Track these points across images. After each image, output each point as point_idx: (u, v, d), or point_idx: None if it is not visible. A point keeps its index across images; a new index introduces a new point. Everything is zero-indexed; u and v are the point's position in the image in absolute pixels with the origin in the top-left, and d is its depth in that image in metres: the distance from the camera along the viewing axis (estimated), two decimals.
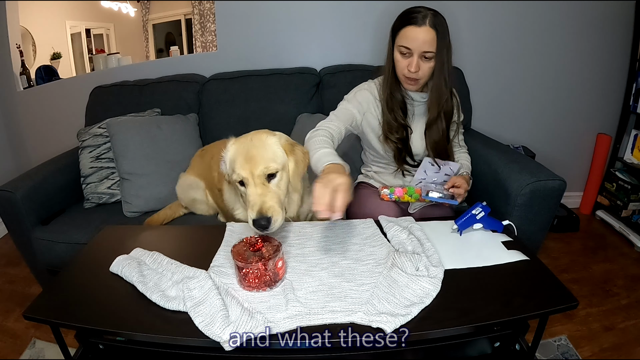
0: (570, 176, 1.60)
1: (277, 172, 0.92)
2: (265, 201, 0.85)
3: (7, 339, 1.45)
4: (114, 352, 0.82)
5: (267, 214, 0.83)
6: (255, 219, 0.83)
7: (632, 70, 1.97)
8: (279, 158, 0.94)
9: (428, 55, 1.11)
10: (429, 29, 1.08)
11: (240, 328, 0.64)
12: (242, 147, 0.94)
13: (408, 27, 1.10)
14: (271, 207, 0.85)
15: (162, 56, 2.51)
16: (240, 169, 0.90)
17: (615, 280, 1.67)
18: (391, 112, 1.22)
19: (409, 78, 1.17)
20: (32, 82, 2.23)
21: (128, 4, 2.40)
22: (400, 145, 1.25)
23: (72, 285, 0.82)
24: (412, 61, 1.12)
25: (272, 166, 0.91)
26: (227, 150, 0.98)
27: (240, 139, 0.98)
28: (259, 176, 0.89)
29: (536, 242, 1.29)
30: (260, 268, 0.73)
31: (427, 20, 1.08)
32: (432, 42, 1.09)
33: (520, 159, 1.36)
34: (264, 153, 0.92)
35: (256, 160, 0.90)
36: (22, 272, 1.83)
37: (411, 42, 1.10)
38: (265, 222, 0.82)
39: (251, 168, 0.89)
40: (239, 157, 0.92)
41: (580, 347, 1.32)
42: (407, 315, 0.67)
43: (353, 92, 1.28)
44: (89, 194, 1.59)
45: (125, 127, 1.57)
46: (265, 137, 0.97)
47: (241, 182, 0.92)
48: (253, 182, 0.89)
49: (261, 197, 0.86)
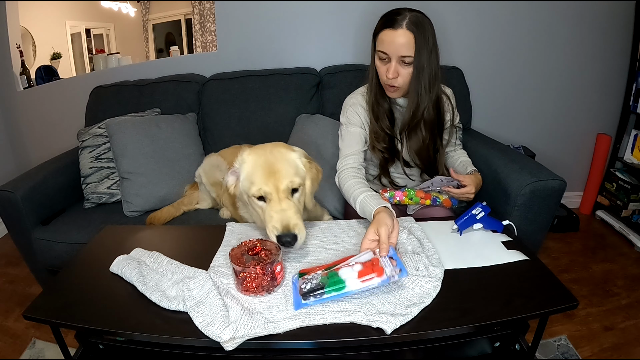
0: (570, 176, 1.60)
1: (299, 188, 0.89)
2: (291, 217, 0.82)
3: (7, 339, 1.45)
4: (114, 352, 0.82)
5: (293, 230, 0.81)
6: (280, 235, 0.80)
7: (632, 70, 1.97)
8: (301, 173, 0.90)
9: (407, 60, 1.05)
10: (406, 31, 1.02)
11: (240, 328, 0.64)
12: (262, 159, 0.87)
13: (385, 30, 1.04)
14: (297, 224, 0.82)
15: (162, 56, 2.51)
16: (262, 184, 0.84)
17: (615, 280, 1.67)
18: (377, 121, 1.18)
19: (388, 85, 1.11)
20: (32, 82, 2.23)
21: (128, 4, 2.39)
22: (387, 155, 1.21)
23: (72, 285, 0.82)
24: (389, 67, 1.06)
25: (296, 181, 0.87)
26: (242, 162, 0.90)
27: (257, 151, 0.91)
28: (283, 191, 0.84)
29: (536, 242, 1.29)
30: (258, 272, 0.72)
31: (405, 22, 1.02)
32: (410, 46, 1.03)
33: (520, 159, 1.36)
34: (288, 167, 0.87)
35: (281, 174, 0.85)
36: (22, 272, 1.83)
37: (387, 47, 1.04)
38: (291, 239, 0.80)
39: (276, 182, 0.84)
40: (259, 170, 0.86)
41: (580, 347, 1.32)
42: (407, 315, 0.67)
43: (344, 113, 1.23)
44: (89, 194, 1.59)
45: (124, 126, 1.57)
46: (285, 150, 0.91)
47: (260, 197, 0.86)
48: (277, 197, 0.84)
49: (285, 212, 0.82)
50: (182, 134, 1.67)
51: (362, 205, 1.00)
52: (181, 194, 1.57)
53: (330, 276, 0.73)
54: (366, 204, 0.97)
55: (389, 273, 0.71)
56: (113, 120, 1.61)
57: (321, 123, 1.62)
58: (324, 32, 1.94)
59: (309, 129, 1.63)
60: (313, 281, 0.73)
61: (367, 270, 0.72)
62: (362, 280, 0.70)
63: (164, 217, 1.43)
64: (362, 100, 1.22)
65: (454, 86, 1.72)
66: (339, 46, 1.95)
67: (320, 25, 1.93)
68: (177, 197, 1.55)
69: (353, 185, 1.07)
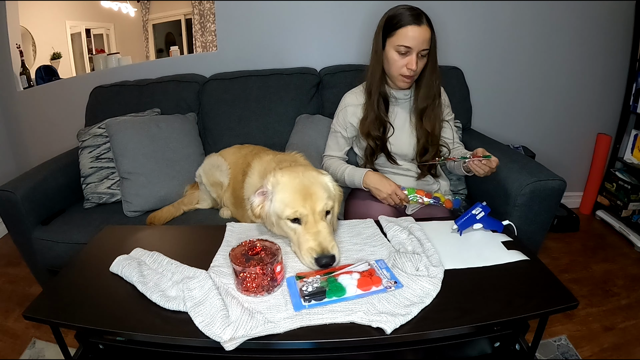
0: (570, 176, 1.60)
1: (332, 210, 0.92)
2: (327, 239, 0.84)
3: (7, 339, 1.45)
4: (114, 352, 0.82)
5: (332, 251, 0.83)
6: (318, 257, 0.82)
7: (632, 70, 1.97)
8: (332, 195, 0.93)
9: (424, 53, 1.17)
10: (427, 27, 1.14)
11: (240, 328, 0.64)
12: (297, 182, 0.90)
13: (409, 26, 1.13)
14: (334, 245, 0.84)
15: (162, 56, 2.51)
16: (300, 206, 0.86)
17: (615, 280, 1.67)
18: (377, 109, 1.27)
19: (405, 76, 1.20)
20: (32, 82, 2.23)
21: (128, 4, 2.40)
22: (378, 143, 1.29)
23: (72, 285, 0.82)
24: (411, 60, 1.16)
25: (330, 204, 0.90)
26: (275, 184, 0.92)
27: (289, 174, 0.93)
28: (319, 213, 0.87)
29: (536, 242, 1.29)
30: (258, 272, 0.72)
31: (424, 19, 1.14)
32: (429, 41, 1.16)
33: (520, 159, 1.36)
34: (322, 190, 0.90)
35: (317, 196, 0.88)
36: (22, 272, 1.83)
37: (412, 41, 1.14)
38: (330, 260, 0.82)
39: (312, 205, 0.87)
40: (294, 193, 0.88)
41: (580, 347, 1.32)
42: (407, 315, 0.67)
43: (336, 115, 1.39)
44: (89, 194, 1.59)
45: (124, 126, 1.57)
46: (317, 174, 0.95)
47: (295, 219, 0.88)
48: (313, 219, 0.86)
49: (321, 234, 0.85)
50: (182, 134, 1.66)
51: (350, 176, 1.27)
52: (181, 194, 1.57)
53: (330, 281, 0.75)
54: (353, 173, 1.26)
55: (385, 284, 0.74)
56: (113, 120, 1.61)
57: (321, 124, 1.62)
58: (324, 32, 1.94)
59: (308, 130, 1.63)
60: (314, 284, 0.74)
61: (365, 280, 0.75)
62: (362, 289, 0.73)
63: (164, 217, 1.43)
64: (354, 99, 1.34)
65: (453, 86, 1.75)
66: (339, 46, 1.95)
67: (320, 25, 1.93)
68: (177, 197, 1.55)
69: (338, 164, 1.34)
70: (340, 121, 1.36)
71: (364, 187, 1.25)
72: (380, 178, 1.23)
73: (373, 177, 1.23)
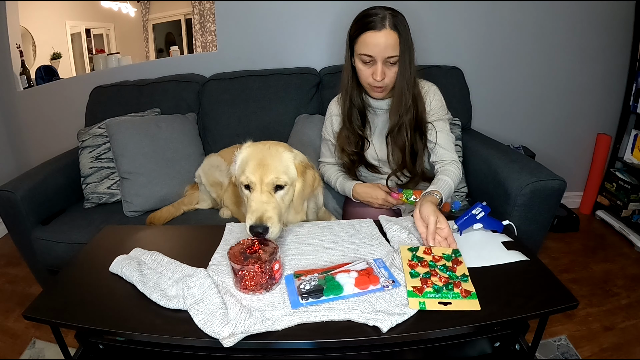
0: (570, 176, 1.60)
1: (285, 186, 0.91)
2: (267, 210, 0.85)
3: (7, 339, 1.45)
4: (114, 352, 0.82)
5: (265, 223, 0.83)
6: (252, 225, 0.83)
7: (632, 70, 1.97)
8: (290, 173, 0.93)
9: (392, 60, 1.04)
10: (390, 31, 1.00)
11: (239, 325, 0.64)
12: (257, 152, 0.93)
13: (367, 32, 1.02)
14: (271, 217, 0.84)
15: (162, 56, 2.51)
16: (250, 173, 0.89)
17: (615, 280, 1.67)
18: (350, 124, 1.20)
19: (375, 87, 1.10)
20: (32, 82, 2.23)
21: (128, 4, 2.40)
22: (355, 158, 1.24)
23: (72, 285, 0.81)
24: (376, 69, 1.05)
25: (283, 178, 0.90)
26: (240, 152, 0.97)
27: (258, 144, 0.96)
28: (267, 184, 0.88)
29: (536, 242, 1.29)
30: (257, 271, 0.73)
31: (387, 22, 1.00)
32: (395, 46, 1.01)
33: (520, 159, 1.36)
34: (278, 164, 0.91)
35: (269, 168, 0.89)
36: (22, 272, 1.84)
37: (372, 49, 1.02)
38: (262, 231, 0.82)
39: (262, 174, 0.88)
40: (251, 160, 0.91)
41: (580, 347, 1.32)
42: (403, 314, 0.67)
43: (324, 123, 1.35)
44: (89, 194, 1.59)
45: (124, 126, 1.57)
46: (282, 150, 0.95)
47: (247, 186, 0.91)
48: (260, 189, 0.88)
49: (264, 205, 0.86)
50: (182, 134, 1.67)
51: (341, 188, 1.29)
52: (181, 194, 1.57)
53: (328, 279, 0.75)
54: (343, 186, 1.28)
55: (382, 282, 0.74)
56: (113, 120, 1.61)
57: (321, 124, 1.60)
58: (324, 32, 1.94)
59: (308, 130, 1.63)
60: (312, 282, 0.74)
61: (362, 278, 0.74)
62: (359, 287, 0.73)
63: (164, 217, 1.43)
64: (336, 109, 1.27)
65: (453, 86, 1.74)
66: (339, 46, 1.93)
67: (320, 25, 1.93)
68: (177, 197, 1.55)
69: (331, 172, 1.34)
70: (328, 129, 1.32)
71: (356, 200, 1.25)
72: (368, 189, 1.21)
73: (361, 190, 1.22)
